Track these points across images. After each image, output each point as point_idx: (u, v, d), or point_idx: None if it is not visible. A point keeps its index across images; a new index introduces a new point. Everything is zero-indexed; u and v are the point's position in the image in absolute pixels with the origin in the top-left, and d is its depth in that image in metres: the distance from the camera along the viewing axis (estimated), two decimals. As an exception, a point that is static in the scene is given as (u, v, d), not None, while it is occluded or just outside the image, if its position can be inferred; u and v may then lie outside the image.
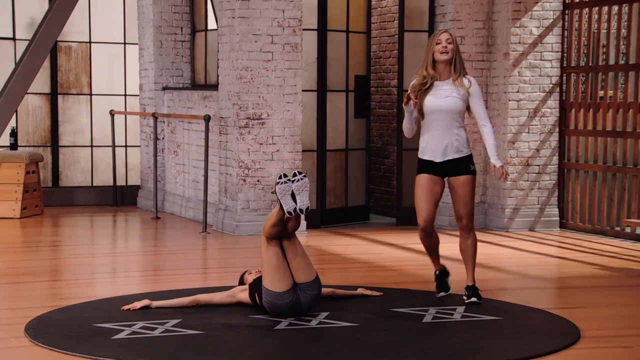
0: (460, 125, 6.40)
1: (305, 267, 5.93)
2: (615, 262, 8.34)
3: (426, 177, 6.39)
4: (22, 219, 10.89)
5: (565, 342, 5.46)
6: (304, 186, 5.85)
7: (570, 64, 10.21)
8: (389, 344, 5.37)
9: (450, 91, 6.36)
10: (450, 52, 6.31)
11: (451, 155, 6.37)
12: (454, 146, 6.37)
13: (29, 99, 12.21)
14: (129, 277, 7.87)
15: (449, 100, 6.35)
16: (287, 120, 9.78)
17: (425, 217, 6.36)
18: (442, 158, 6.37)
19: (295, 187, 5.84)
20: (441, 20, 10.38)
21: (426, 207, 6.36)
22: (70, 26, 12.19)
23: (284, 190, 5.82)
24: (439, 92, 6.36)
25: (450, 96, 6.34)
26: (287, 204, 5.81)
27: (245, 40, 9.61)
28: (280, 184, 5.83)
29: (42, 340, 5.38)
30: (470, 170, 6.39)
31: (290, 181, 5.85)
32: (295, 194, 5.83)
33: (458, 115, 6.38)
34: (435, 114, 6.35)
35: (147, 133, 12.07)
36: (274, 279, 5.86)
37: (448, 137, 6.35)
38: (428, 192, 6.36)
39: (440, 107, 6.34)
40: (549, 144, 10.31)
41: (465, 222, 6.41)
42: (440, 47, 6.32)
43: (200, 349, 5.25)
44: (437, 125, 6.36)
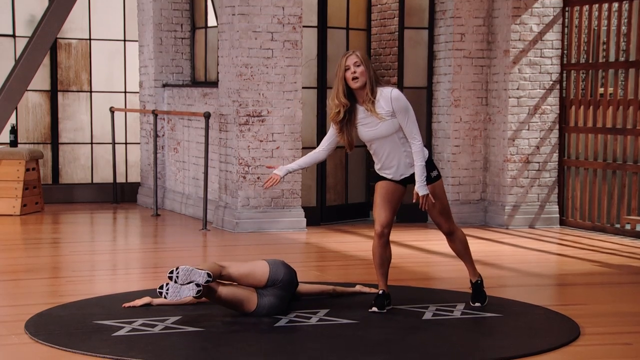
0: (404, 141, 6.00)
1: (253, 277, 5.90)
2: (615, 259, 8.34)
3: (385, 184, 6.08)
4: (22, 216, 10.88)
5: (565, 340, 5.44)
6: (187, 272, 5.61)
7: (571, 61, 10.19)
8: (388, 341, 5.36)
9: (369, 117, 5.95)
10: (361, 76, 5.89)
11: (406, 171, 6.06)
12: (405, 163, 6.03)
13: (29, 96, 12.19)
14: (129, 275, 7.87)
15: (381, 127, 5.94)
16: (287, 117, 9.78)
17: (383, 222, 6.01)
18: (399, 177, 6.08)
19: (180, 281, 5.61)
20: (441, 17, 10.36)
21: (384, 212, 6.02)
22: (70, 23, 12.18)
23: (175, 292, 5.62)
24: (366, 119, 5.96)
25: (379, 121, 5.92)
26: (190, 291, 5.61)
27: (245, 37, 9.61)
28: (168, 293, 5.62)
29: (43, 337, 5.37)
30: (431, 178, 6.04)
31: (172, 283, 5.62)
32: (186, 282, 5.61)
33: (397, 133, 5.97)
34: (374, 142, 6.02)
35: (147, 130, 12.06)
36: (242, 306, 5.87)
37: (397, 157, 6.02)
38: (386, 198, 6.06)
39: (376, 136, 5.98)
40: (549, 141, 10.29)
41: (445, 228, 6.19)
42: (350, 74, 5.90)
43: (201, 346, 5.24)
44: (382, 150, 6.02)
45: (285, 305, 5.99)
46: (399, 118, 5.92)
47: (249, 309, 5.88)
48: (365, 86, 5.92)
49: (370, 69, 5.94)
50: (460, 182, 10.34)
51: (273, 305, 5.90)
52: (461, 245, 6.29)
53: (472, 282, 6.35)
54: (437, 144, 10.45)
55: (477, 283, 6.32)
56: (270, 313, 5.90)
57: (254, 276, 5.89)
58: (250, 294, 5.88)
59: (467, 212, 10.40)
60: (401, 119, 5.93)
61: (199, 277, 5.60)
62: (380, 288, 6.15)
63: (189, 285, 5.59)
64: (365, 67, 5.91)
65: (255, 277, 5.89)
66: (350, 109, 5.98)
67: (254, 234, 9.56)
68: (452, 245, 6.32)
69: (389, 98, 5.92)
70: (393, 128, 5.96)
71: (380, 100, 5.94)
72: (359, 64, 5.90)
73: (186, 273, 5.60)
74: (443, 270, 7.88)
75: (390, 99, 5.92)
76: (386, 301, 6.13)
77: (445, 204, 6.15)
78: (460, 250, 6.31)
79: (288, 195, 9.84)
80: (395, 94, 5.93)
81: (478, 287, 6.32)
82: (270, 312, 5.90)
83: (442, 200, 6.12)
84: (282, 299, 5.95)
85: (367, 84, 5.92)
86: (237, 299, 5.84)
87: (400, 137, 6.01)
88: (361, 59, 5.91)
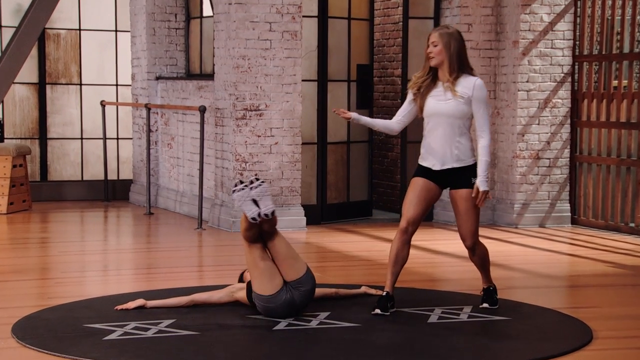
0: (463, 132, 6.03)
1: (292, 264, 5.93)
2: (630, 260, 8.28)
3: (421, 180, 6.08)
4: (8, 214, 10.87)
5: (577, 344, 5.42)
6: (264, 191, 5.86)
7: (583, 52, 10.18)
8: (392, 345, 5.37)
9: (445, 94, 6.03)
10: (437, 56, 5.99)
11: (450, 163, 6.03)
12: (454, 154, 6.02)
13: (16, 89, 12.21)
14: (121, 276, 7.83)
15: (450, 104, 5.99)
16: (286, 111, 9.77)
17: (410, 218, 5.99)
18: (440, 166, 6.04)
19: (254, 193, 5.85)
20: (447, 7, 10.39)
21: (413, 208, 6.00)
22: (59, 13, 12.21)
23: (242, 197, 5.84)
24: (438, 94, 6.05)
25: (453, 99, 5.99)
26: (250, 209, 5.82)
27: (243, 27, 9.61)
28: (237, 192, 5.87)
29: (30, 341, 5.37)
30: (471, 183, 6.04)
31: (247, 187, 5.87)
32: (257, 200, 5.85)
33: (460, 120, 6.01)
34: (434, 117, 6.04)
35: (139, 125, 12.07)
36: (262, 282, 5.87)
37: (448, 144, 6.02)
38: (419, 194, 6.03)
39: (439, 111, 6.02)
40: (560, 136, 10.26)
41: (468, 243, 6.11)
42: (427, 51, 6.06)
43: (195, 351, 5.25)
44: (437, 129, 6.03)
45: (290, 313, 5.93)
46: (475, 107, 6.01)
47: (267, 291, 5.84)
48: (442, 65, 6.03)
49: (451, 49, 6.00)
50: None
51: (288, 302, 5.87)
52: (481, 260, 6.25)
53: (484, 288, 6.35)
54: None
55: (490, 289, 6.33)
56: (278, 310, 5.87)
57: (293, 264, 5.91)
58: (279, 278, 5.88)
59: (474, 211, 10.25)
60: (476, 108, 6.02)
61: (270, 203, 5.82)
62: (386, 289, 6.12)
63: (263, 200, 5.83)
64: (445, 46, 6.00)
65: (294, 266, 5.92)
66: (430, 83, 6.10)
67: None
68: (471, 259, 6.29)
69: (473, 85, 6.03)
70: (459, 111, 6.01)
71: (462, 82, 6.04)
72: (437, 44, 6.01)
73: (263, 191, 5.84)
74: (449, 272, 7.89)
75: (473, 86, 6.02)
76: (389, 303, 6.10)
77: (475, 215, 6.09)
78: (479, 264, 6.29)
79: (287, 193, 9.85)
80: (480, 83, 6.05)
81: (490, 292, 6.32)
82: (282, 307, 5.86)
83: (475, 210, 6.08)
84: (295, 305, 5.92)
85: (445, 63, 6.02)
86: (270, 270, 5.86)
87: (460, 127, 6.04)
88: (440, 38, 6.01)
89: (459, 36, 6.04)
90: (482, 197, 5.98)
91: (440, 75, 6.04)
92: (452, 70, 5.98)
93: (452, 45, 5.99)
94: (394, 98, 11.40)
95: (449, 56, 5.97)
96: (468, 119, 6.04)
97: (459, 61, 6.00)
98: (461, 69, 6.02)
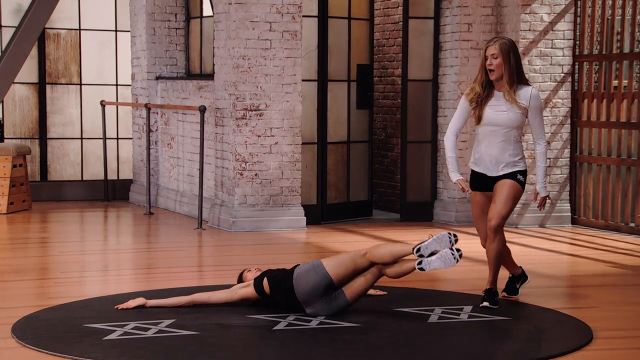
0: (516, 140, 6.30)
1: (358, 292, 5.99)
2: (630, 260, 8.27)
3: (480, 196, 6.37)
4: (8, 214, 10.85)
5: (578, 344, 5.41)
6: (448, 261, 5.84)
7: (583, 52, 10.17)
8: (392, 345, 5.35)
9: (506, 104, 6.24)
10: (497, 69, 6.17)
11: (504, 170, 6.30)
12: (508, 162, 6.28)
13: (16, 89, 12.19)
14: (121, 276, 7.81)
15: (508, 115, 6.22)
16: (286, 111, 9.75)
17: (485, 235, 6.36)
18: (495, 173, 6.31)
19: (445, 252, 5.85)
20: (447, 7, 10.37)
21: (484, 227, 6.34)
22: (59, 12, 12.22)
23: (441, 241, 5.87)
24: (498, 104, 6.25)
25: (509, 110, 6.22)
26: (427, 249, 5.87)
27: (243, 27, 9.60)
28: (446, 235, 5.88)
29: (30, 341, 5.35)
30: (516, 177, 6.28)
31: (451, 245, 5.87)
32: (438, 254, 5.86)
33: (515, 129, 6.28)
34: (490, 127, 6.27)
35: (139, 125, 12.04)
36: (337, 267, 5.93)
37: (503, 152, 6.26)
38: (484, 210, 6.33)
39: (497, 121, 6.25)
40: (560, 136, 10.25)
41: (492, 223, 6.25)
42: (487, 64, 6.20)
43: (196, 351, 5.23)
44: (492, 138, 6.27)
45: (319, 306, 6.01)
46: (531, 116, 6.24)
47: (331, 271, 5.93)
48: (502, 78, 6.19)
49: (511, 61, 6.16)
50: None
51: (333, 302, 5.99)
52: (494, 252, 6.34)
53: (487, 288, 6.36)
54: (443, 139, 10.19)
55: (492, 290, 6.34)
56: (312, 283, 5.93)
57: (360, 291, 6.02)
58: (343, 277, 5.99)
59: (474, 211, 10.25)
60: (532, 117, 6.25)
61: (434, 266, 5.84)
62: (511, 272, 6.60)
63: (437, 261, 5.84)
64: (505, 59, 6.15)
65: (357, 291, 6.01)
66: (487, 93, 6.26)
67: (252, 234, 9.52)
68: (488, 247, 6.36)
69: (529, 95, 6.22)
70: (517, 121, 6.23)
71: (520, 93, 6.23)
72: (497, 56, 6.15)
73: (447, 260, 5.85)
74: (449, 271, 7.78)
75: (530, 97, 6.22)
76: (517, 284, 6.61)
77: (509, 203, 6.25)
78: (490, 255, 6.36)
79: (287, 193, 9.84)
80: (535, 93, 6.26)
81: (492, 293, 6.32)
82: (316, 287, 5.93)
83: (510, 198, 6.24)
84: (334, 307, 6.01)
85: (505, 76, 6.17)
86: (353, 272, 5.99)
87: (515, 136, 6.27)
88: (500, 51, 6.15)
89: (515, 46, 6.19)
90: (542, 202, 6.35)
91: (497, 85, 6.22)
92: (512, 82, 6.17)
93: (511, 57, 6.17)
94: (394, 98, 11.37)
95: (509, 68, 6.15)
96: (521, 128, 6.32)
97: (518, 72, 6.19)
98: (519, 80, 6.21)
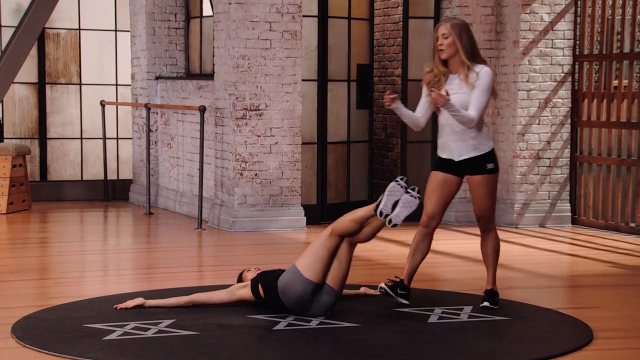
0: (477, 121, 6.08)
1: (341, 277, 5.92)
2: (630, 260, 8.25)
3: (440, 175, 6.17)
4: (8, 214, 10.84)
5: (578, 344, 5.41)
6: (411, 204, 5.80)
7: (583, 52, 10.14)
8: (392, 346, 5.34)
9: (460, 86, 6.05)
10: (447, 48, 6.00)
11: (467, 153, 6.11)
12: (470, 144, 6.08)
13: (16, 89, 12.19)
14: (121, 276, 7.79)
15: (459, 97, 6.01)
16: (286, 111, 9.74)
17: (430, 212, 6.13)
18: (458, 157, 6.12)
19: (404, 198, 5.79)
20: (447, 7, 10.37)
21: (433, 204, 6.13)
22: (59, 12, 12.20)
23: (395, 191, 5.78)
24: (451, 87, 6.06)
25: (460, 92, 6.02)
26: (387, 205, 5.78)
27: (242, 27, 9.59)
28: (396, 183, 5.80)
29: (30, 341, 5.35)
30: (486, 169, 6.11)
31: (405, 189, 5.80)
32: (399, 204, 5.78)
33: None
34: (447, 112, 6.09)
35: (139, 125, 12.03)
36: (312, 265, 5.85)
37: (464, 135, 6.07)
38: (438, 189, 6.15)
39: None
40: (560, 136, 10.23)
41: (482, 223, 6.23)
42: (438, 44, 6.05)
43: (195, 351, 5.22)
44: (453, 122, 6.07)
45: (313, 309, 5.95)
46: (473, 91, 6.00)
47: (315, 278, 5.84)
48: (454, 56, 6.02)
49: (463, 40, 6.00)
50: None
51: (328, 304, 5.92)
52: (490, 249, 6.29)
53: (487, 289, 6.32)
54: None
55: (493, 291, 6.30)
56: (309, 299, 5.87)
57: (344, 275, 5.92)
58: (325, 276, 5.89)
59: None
60: (474, 92, 6.00)
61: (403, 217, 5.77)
62: (402, 277, 6.27)
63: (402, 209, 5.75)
64: (457, 38, 5.99)
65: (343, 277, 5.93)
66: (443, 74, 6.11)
67: (252, 234, 9.50)
68: (482, 244, 6.31)
69: (479, 72, 6.02)
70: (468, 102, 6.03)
71: (472, 74, 6.06)
72: (447, 35, 6.00)
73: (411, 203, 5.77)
74: (449, 272, 7.85)
75: (477, 74, 6.02)
76: (400, 290, 6.23)
77: (491, 199, 6.17)
78: (487, 253, 6.30)
79: (287, 193, 9.82)
80: (485, 70, 6.03)
81: (492, 293, 6.29)
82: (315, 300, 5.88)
83: (490, 194, 6.17)
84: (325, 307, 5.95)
85: (460, 54, 6.00)
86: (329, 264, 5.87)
87: None
88: (450, 31, 5.99)
89: (468, 26, 6.05)
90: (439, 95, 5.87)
91: (452, 67, 6.05)
92: (464, 62, 5.99)
93: (463, 36, 6.00)
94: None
95: (462, 46, 5.98)
96: None
97: (472, 52, 6.02)
98: (473, 60, 6.03)
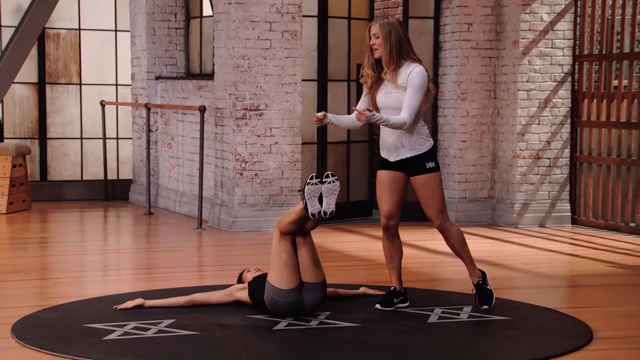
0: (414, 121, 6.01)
1: (314, 267, 5.92)
2: (630, 260, 8.25)
3: (385, 173, 6.10)
4: (8, 214, 10.85)
5: (577, 344, 5.41)
6: (334, 189, 5.81)
7: (583, 52, 10.13)
8: (392, 345, 5.33)
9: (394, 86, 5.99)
10: (379, 48, 5.94)
11: (404, 154, 6.03)
12: (405, 144, 6.01)
13: (16, 89, 12.19)
14: (121, 276, 7.78)
15: (393, 97, 5.97)
16: (286, 111, 9.73)
17: (386, 213, 6.06)
18: (395, 157, 6.05)
19: (325, 189, 5.79)
20: (447, 6, 10.34)
21: (386, 204, 6.06)
22: (59, 12, 12.21)
23: (313, 191, 5.78)
24: (385, 87, 6.01)
25: (394, 91, 5.96)
26: (313, 205, 5.78)
27: (242, 27, 9.58)
28: (310, 185, 5.79)
29: (30, 341, 5.36)
30: (425, 169, 6.02)
31: (321, 182, 5.80)
32: (323, 195, 5.79)
33: None
34: (384, 111, 6.00)
35: (139, 124, 12.02)
36: (281, 275, 5.83)
37: (399, 135, 6.00)
38: (387, 188, 6.08)
39: (386, 104, 6.00)
40: (560, 135, 10.21)
41: (437, 223, 6.09)
42: (371, 44, 5.98)
43: (195, 351, 5.23)
44: None
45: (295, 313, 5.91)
46: (407, 90, 5.91)
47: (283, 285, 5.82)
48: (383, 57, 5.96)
49: (391, 40, 5.91)
50: (467, 179, 10.35)
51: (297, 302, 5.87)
52: (457, 243, 6.18)
53: (474, 284, 6.31)
54: (443, 139, 10.46)
55: (479, 284, 6.25)
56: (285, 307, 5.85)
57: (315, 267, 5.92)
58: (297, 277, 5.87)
59: (474, 211, 10.35)
60: (407, 92, 5.91)
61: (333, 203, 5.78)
62: (392, 284, 6.17)
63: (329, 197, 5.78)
64: (385, 38, 5.91)
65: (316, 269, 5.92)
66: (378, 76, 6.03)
67: (251, 234, 9.49)
68: (447, 243, 6.22)
69: (409, 72, 5.94)
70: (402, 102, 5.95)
71: (402, 72, 5.96)
72: (378, 35, 5.94)
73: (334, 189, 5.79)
74: (449, 271, 7.83)
75: (408, 73, 5.93)
76: (395, 298, 6.15)
77: (437, 197, 6.06)
78: (456, 248, 6.20)
79: (287, 193, 9.81)
80: (418, 69, 5.94)
81: (481, 287, 6.25)
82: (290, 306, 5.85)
83: (436, 193, 6.05)
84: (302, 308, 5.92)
85: (385, 54, 5.93)
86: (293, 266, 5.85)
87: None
88: (380, 30, 5.92)
89: (399, 25, 5.98)
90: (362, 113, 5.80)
91: (384, 65, 5.97)
92: (391, 61, 5.91)
93: (392, 35, 5.91)
94: (394, 98, 11.41)
95: (389, 46, 5.89)
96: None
97: (399, 51, 5.92)
98: (402, 59, 5.93)
